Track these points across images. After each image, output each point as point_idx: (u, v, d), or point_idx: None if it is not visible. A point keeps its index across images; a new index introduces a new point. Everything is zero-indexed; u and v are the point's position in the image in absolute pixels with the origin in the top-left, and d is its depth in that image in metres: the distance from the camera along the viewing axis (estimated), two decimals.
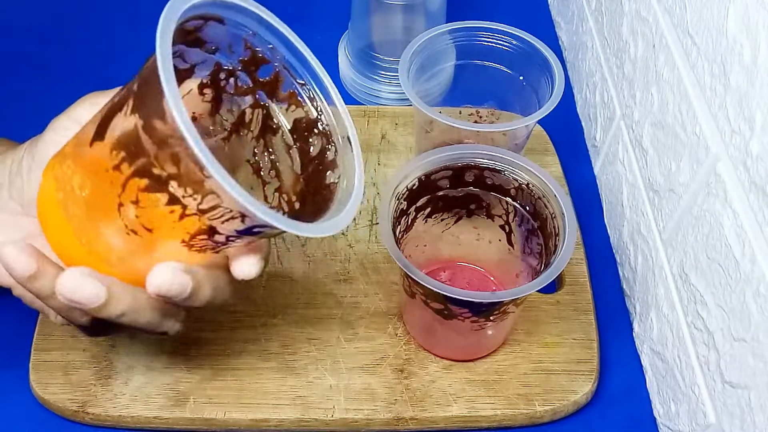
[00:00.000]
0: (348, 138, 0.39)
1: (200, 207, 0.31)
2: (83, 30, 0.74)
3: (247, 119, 0.41)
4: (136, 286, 0.35)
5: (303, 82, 0.40)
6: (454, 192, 0.48)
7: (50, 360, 0.49)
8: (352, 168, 0.38)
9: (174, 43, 0.30)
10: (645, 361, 0.52)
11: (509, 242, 0.50)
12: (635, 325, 0.53)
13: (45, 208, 0.37)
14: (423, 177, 0.47)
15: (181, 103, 0.28)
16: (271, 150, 0.42)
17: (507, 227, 0.49)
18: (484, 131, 0.51)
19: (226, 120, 0.41)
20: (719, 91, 0.40)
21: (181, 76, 0.38)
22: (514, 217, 0.48)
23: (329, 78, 0.40)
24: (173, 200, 0.32)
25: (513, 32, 0.55)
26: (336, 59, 0.70)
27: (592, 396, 0.49)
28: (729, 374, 0.40)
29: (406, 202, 0.47)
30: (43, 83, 0.69)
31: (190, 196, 0.31)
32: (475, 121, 0.60)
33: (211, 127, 0.41)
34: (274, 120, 0.42)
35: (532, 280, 0.41)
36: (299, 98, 0.40)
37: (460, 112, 0.60)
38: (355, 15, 0.66)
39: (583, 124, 0.67)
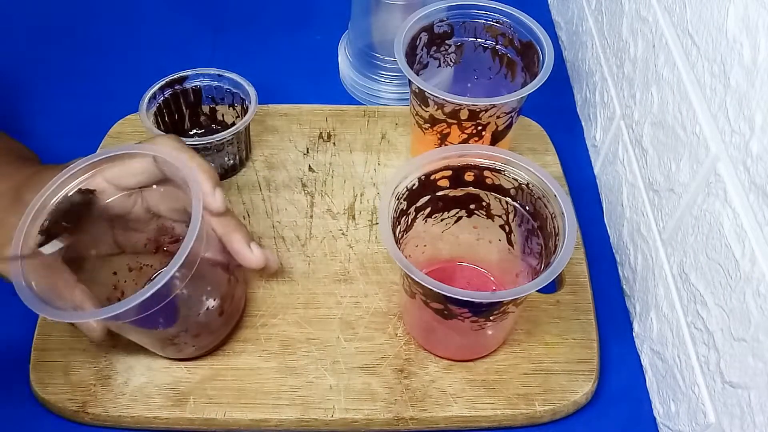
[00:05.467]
0: None
1: None
2: (84, 30, 0.74)
3: None
4: None
5: None
6: (454, 192, 0.48)
7: (50, 360, 0.49)
8: None
9: None
10: (645, 361, 0.52)
11: (509, 242, 0.50)
12: (635, 325, 0.53)
13: None
14: (423, 177, 0.47)
15: None
16: None
17: (507, 227, 0.49)
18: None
19: None
20: (719, 91, 0.40)
21: None
22: (514, 217, 0.48)
23: None
24: None
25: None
26: (336, 59, 0.70)
27: (592, 396, 0.49)
28: (729, 374, 0.40)
29: (406, 202, 0.47)
30: (44, 82, 0.69)
31: None
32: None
33: None
34: None
35: (532, 280, 0.41)
36: None
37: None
38: (355, 15, 0.66)
39: (583, 124, 0.67)
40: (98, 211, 0.45)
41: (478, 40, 0.58)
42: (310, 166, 0.60)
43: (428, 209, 0.49)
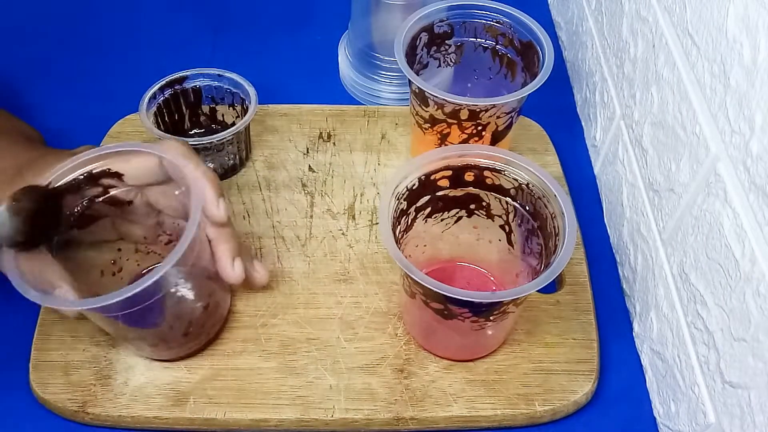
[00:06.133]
0: None
1: None
2: (84, 29, 0.74)
3: None
4: None
5: None
6: (454, 192, 0.48)
7: (50, 360, 0.49)
8: None
9: None
10: (645, 361, 0.52)
11: (509, 242, 0.50)
12: (635, 325, 0.53)
13: None
14: (423, 177, 0.47)
15: None
16: None
17: (507, 227, 0.49)
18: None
19: None
20: (719, 91, 0.40)
21: None
22: (514, 217, 0.48)
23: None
24: None
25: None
26: (336, 59, 0.70)
27: (592, 396, 0.49)
28: (729, 374, 0.40)
29: (406, 202, 0.47)
30: (44, 82, 0.69)
31: None
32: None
33: None
34: None
35: (532, 280, 0.41)
36: None
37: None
38: (355, 15, 0.66)
39: (583, 124, 0.67)
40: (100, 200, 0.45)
41: (478, 40, 0.58)
42: (310, 166, 0.60)
43: (428, 209, 0.49)
